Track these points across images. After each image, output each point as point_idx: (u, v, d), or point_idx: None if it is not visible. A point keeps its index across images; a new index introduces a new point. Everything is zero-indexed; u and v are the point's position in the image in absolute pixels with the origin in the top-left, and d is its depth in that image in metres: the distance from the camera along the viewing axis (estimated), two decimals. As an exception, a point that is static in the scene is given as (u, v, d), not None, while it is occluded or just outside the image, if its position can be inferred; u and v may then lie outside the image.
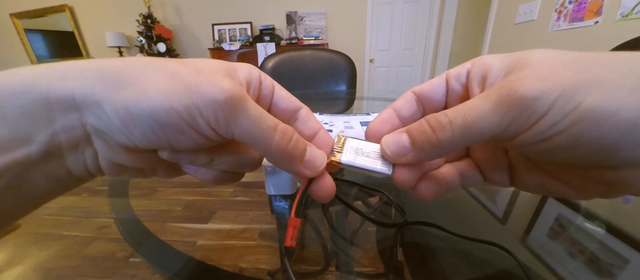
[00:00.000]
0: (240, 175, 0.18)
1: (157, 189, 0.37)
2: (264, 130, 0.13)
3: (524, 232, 0.27)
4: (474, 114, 0.11)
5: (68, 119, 0.12)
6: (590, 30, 1.44)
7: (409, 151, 0.14)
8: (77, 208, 0.34)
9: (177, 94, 0.11)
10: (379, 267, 0.23)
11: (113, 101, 0.11)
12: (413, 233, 0.26)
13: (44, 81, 0.11)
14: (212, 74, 0.13)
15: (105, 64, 0.12)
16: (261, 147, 0.13)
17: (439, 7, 2.78)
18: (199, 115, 0.12)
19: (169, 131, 0.12)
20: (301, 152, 0.14)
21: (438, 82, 0.16)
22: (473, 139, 0.12)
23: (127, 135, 0.12)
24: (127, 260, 0.24)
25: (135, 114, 0.11)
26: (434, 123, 0.12)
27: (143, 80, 0.12)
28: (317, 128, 0.17)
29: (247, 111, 0.12)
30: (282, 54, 1.11)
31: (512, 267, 0.21)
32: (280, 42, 2.71)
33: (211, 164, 0.15)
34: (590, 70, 0.10)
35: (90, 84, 0.11)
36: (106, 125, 0.12)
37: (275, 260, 0.24)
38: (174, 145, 0.13)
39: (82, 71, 0.12)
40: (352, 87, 1.12)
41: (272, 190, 0.32)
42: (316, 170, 0.15)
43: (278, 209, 0.31)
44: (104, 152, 0.13)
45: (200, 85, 0.12)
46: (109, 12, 2.92)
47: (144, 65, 0.12)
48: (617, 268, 0.22)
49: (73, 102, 0.11)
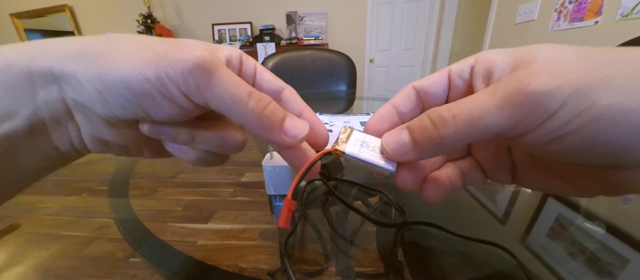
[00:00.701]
0: (224, 158, 0.17)
1: (157, 189, 0.37)
2: (238, 96, 0.12)
3: (524, 232, 0.27)
4: (479, 108, 0.11)
5: (48, 93, 0.12)
6: (590, 30, 1.44)
7: (410, 149, 0.13)
8: (77, 208, 0.34)
9: (147, 61, 0.12)
10: (379, 267, 0.23)
11: (88, 73, 0.12)
12: (413, 233, 0.26)
13: (26, 56, 0.12)
14: (187, 45, 0.13)
15: (84, 40, 0.12)
16: (236, 113, 0.13)
17: (439, 7, 2.78)
18: (169, 81, 0.12)
19: (142, 99, 0.12)
20: (279, 119, 0.14)
21: (439, 77, 0.16)
22: (478, 135, 0.11)
23: (104, 105, 0.12)
24: (127, 260, 0.24)
25: (109, 83, 0.12)
26: (436, 118, 0.12)
27: (116, 52, 0.12)
28: (301, 108, 0.17)
29: (219, 75, 0.12)
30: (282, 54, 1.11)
31: (512, 267, 0.21)
32: (280, 42, 2.71)
33: (192, 143, 0.15)
34: (604, 67, 0.10)
35: (68, 57, 0.12)
36: (83, 97, 0.12)
37: (275, 260, 0.23)
38: (151, 114, 0.13)
39: (61, 47, 0.12)
40: (352, 87, 1.12)
41: (272, 190, 0.32)
42: (296, 138, 0.14)
43: (278, 209, 0.31)
44: (86, 126, 0.14)
45: (170, 52, 0.12)
46: (109, 12, 2.92)
47: (119, 40, 0.12)
48: (617, 268, 0.22)
49: (52, 74, 0.12)
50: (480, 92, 0.12)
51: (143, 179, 0.40)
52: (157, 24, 2.68)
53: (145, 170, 0.43)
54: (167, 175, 0.41)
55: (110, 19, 2.93)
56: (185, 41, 0.13)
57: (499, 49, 0.13)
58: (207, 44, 0.14)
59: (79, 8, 2.92)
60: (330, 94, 1.03)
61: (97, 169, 0.45)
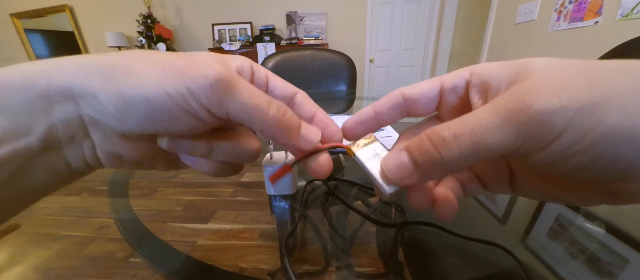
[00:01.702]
0: (239, 167, 0.18)
1: (157, 189, 0.37)
2: (259, 104, 0.13)
3: (524, 232, 0.27)
4: (483, 129, 0.10)
5: (65, 110, 0.12)
6: (590, 30, 1.44)
7: (412, 172, 0.13)
8: (77, 208, 0.34)
9: (169, 79, 0.12)
10: (379, 267, 0.23)
11: (107, 91, 0.12)
12: (413, 233, 0.26)
13: (43, 75, 0.12)
14: (204, 61, 0.13)
15: (100, 58, 0.12)
16: (257, 121, 0.13)
17: (439, 7, 2.78)
18: (191, 97, 0.12)
19: (162, 116, 0.12)
20: (297, 126, 0.14)
21: (430, 88, 0.15)
22: (482, 157, 0.11)
23: (122, 122, 0.12)
24: (127, 260, 0.24)
25: (129, 100, 0.12)
26: (437, 140, 0.11)
27: (136, 70, 0.12)
28: (314, 110, 0.17)
29: (239, 87, 0.13)
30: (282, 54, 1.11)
31: (512, 267, 0.21)
32: (280, 42, 2.71)
33: (210, 155, 0.15)
34: (604, 83, 0.09)
35: (86, 75, 0.12)
36: (101, 114, 0.12)
37: (275, 260, 0.24)
38: (170, 129, 0.13)
39: (78, 65, 0.12)
40: (352, 87, 1.12)
41: (272, 190, 0.32)
42: (312, 143, 0.15)
43: (278, 209, 0.31)
44: (101, 142, 0.14)
45: (191, 69, 0.12)
46: (109, 12, 2.92)
47: (138, 58, 0.13)
48: (617, 268, 0.22)
49: (70, 93, 0.12)
50: (480, 110, 0.11)
51: (143, 179, 0.40)
52: (157, 24, 2.68)
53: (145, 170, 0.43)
54: (167, 175, 0.41)
55: (110, 19, 2.93)
56: (199, 56, 0.14)
57: (494, 62, 0.13)
58: (218, 57, 0.15)
59: (79, 8, 2.92)
60: (330, 94, 1.03)
61: (97, 169, 0.45)
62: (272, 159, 0.31)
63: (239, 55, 0.16)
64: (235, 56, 0.16)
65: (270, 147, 0.32)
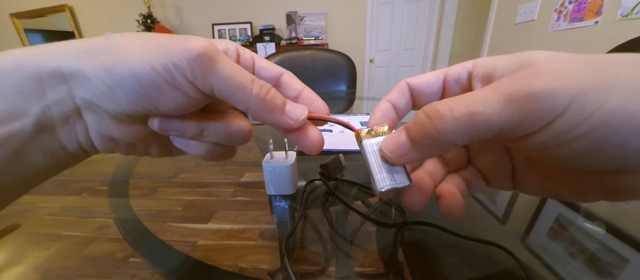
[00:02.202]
0: (232, 151, 0.18)
1: (157, 189, 0.37)
2: (242, 81, 0.13)
3: (524, 232, 0.27)
4: (479, 104, 0.10)
5: (58, 92, 0.13)
6: (590, 30, 1.44)
7: (408, 149, 0.13)
8: (77, 208, 0.34)
9: (153, 53, 0.12)
10: (379, 267, 0.23)
11: (95, 68, 0.12)
12: (413, 233, 0.26)
13: (35, 59, 0.12)
14: (188, 37, 0.13)
15: (88, 41, 0.13)
16: (240, 98, 0.13)
17: (439, 7, 2.78)
18: (175, 70, 0.12)
19: (149, 90, 0.12)
20: (281, 104, 0.15)
21: (434, 79, 0.16)
22: (477, 132, 0.11)
23: (112, 99, 0.13)
24: (127, 260, 0.24)
25: (117, 76, 0.12)
26: (432, 112, 0.11)
27: (122, 48, 0.12)
28: (300, 88, 0.17)
29: (222, 62, 0.13)
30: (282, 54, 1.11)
31: (512, 267, 0.21)
32: (280, 42, 2.71)
33: (201, 137, 0.15)
34: (606, 70, 0.10)
35: (75, 55, 0.12)
36: (92, 93, 0.13)
37: (275, 260, 0.23)
38: (159, 106, 0.13)
39: (67, 48, 0.13)
40: (352, 87, 1.12)
41: (272, 190, 0.32)
42: (298, 120, 0.15)
43: (278, 209, 0.31)
44: (94, 124, 0.14)
45: (174, 43, 0.13)
46: (109, 12, 2.92)
47: (124, 37, 0.13)
48: (617, 268, 0.22)
49: (61, 74, 0.12)
50: (480, 89, 0.11)
51: (143, 179, 0.40)
52: (157, 24, 2.68)
53: (145, 170, 0.43)
54: (167, 175, 0.41)
55: (110, 19, 2.93)
56: (185, 36, 0.14)
57: (496, 56, 0.13)
58: (205, 38, 0.15)
59: (79, 8, 2.92)
60: (330, 94, 1.03)
61: (97, 169, 0.45)
62: (272, 159, 0.31)
63: (227, 40, 0.17)
64: (222, 40, 0.16)
65: (270, 147, 0.32)
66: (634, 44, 0.65)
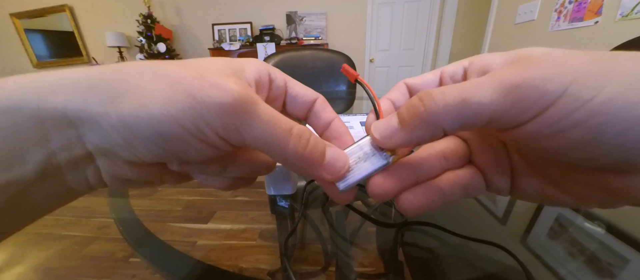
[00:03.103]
0: (252, 180, 0.17)
1: (157, 189, 0.37)
2: (279, 134, 0.12)
3: (524, 232, 0.27)
4: (472, 88, 0.10)
5: (65, 137, 0.11)
6: (590, 30, 1.44)
7: (397, 131, 0.12)
8: (77, 208, 0.34)
9: (179, 104, 0.10)
10: (379, 267, 0.23)
11: (109, 116, 0.10)
12: (413, 233, 0.26)
13: (33, 97, 0.10)
14: (217, 75, 0.12)
15: (98, 73, 0.11)
16: (276, 153, 0.12)
17: (439, 7, 2.78)
18: (206, 126, 0.11)
19: (174, 144, 0.11)
20: (320, 155, 0.13)
21: (431, 78, 0.16)
22: (469, 116, 0.10)
23: (130, 151, 0.11)
24: (127, 260, 0.24)
25: (135, 129, 0.10)
26: (425, 95, 0.11)
27: (140, 90, 0.10)
28: (331, 117, 0.16)
29: (258, 115, 0.11)
30: (282, 54, 1.11)
31: (512, 267, 0.21)
32: (280, 42, 2.71)
33: (223, 173, 0.15)
34: (604, 61, 0.09)
35: (83, 97, 0.10)
36: (108, 142, 0.11)
37: (275, 260, 0.23)
38: (182, 157, 0.12)
39: (73, 83, 0.11)
40: (352, 87, 1.12)
41: (272, 190, 0.32)
42: (338, 174, 0.13)
43: (278, 209, 0.31)
44: (108, 168, 0.13)
45: (204, 91, 0.11)
46: (109, 12, 2.92)
47: (141, 72, 0.11)
48: (617, 268, 0.22)
49: (66, 118, 0.10)
50: (474, 78, 0.11)
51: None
52: (157, 24, 2.68)
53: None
54: (167, 175, 0.41)
55: (110, 19, 2.93)
56: (211, 68, 0.12)
57: (495, 52, 0.13)
58: (233, 65, 0.13)
59: (79, 8, 2.92)
60: (330, 94, 1.03)
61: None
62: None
63: (254, 60, 0.15)
64: (251, 61, 0.15)
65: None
66: (634, 44, 0.65)
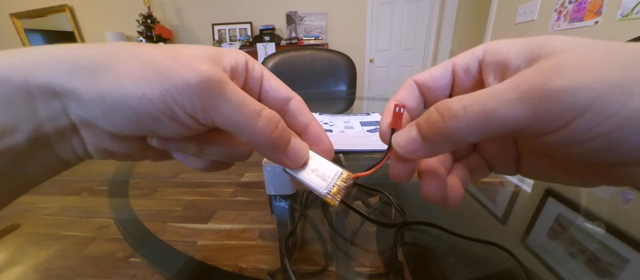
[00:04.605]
0: (229, 164, 0.17)
1: (157, 189, 0.37)
2: (247, 115, 0.12)
3: (524, 232, 0.27)
4: (495, 102, 0.10)
5: (51, 108, 0.12)
6: (590, 30, 1.44)
7: (419, 145, 0.12)
8: (77, 208, 0.34)
9: (149, 81, 0.11)
10: (379, 267, 0.23)
11: (89, 90, 0.11)
12: (413, 233, 0.26)
13: (21, 69, 0.11)
14: (190, 58, 0.12)
15: (80, 51, 0.12)
16: (244, 134, 0.13)
17: (439, 7, 2.78)
18: (174, 103, 0.11)
19: (146, 120, 0.12)
20: (286, 141, 0.14)
21: (442, 72, 0.15)
22: (492, 130, 0.10)
23: (109, 124, 0.12)
24: (127, 260, 0.24)
25: (111, 103, 0.11)
26: (444, 110, 0.11)
27: (117, 68, 0.11)
28: (308, 120, 0.16)
29: (226, 95, 0.12)
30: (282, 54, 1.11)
31: (512, 267, 0.21)
32: (280, 42, 2.72)
33: (201, 154, 0.15)
34: (631, 65, 0.09)
35: (66, 71, 0.11)
36: (89, 114, 0.12)
37: (275, 260, 0.23)
38: (157, 133, 0.13)
39: (57, 59, 0.11)
40: (352, 87, 1.12)
41: (272, 191, 0.32)
42: (298, 163, 0.14)
43: (278, 209, 0.31)
44: (92, 139, 0.13)
45: (172, 69, 0.11)
46: (109, 12, 2.92)
47: (118, 51, 0.12)
48: (617, 268, 0.22)
49: (52, 90, 0.11)
50: (496, 86, 0.11)
51: (143, 179, 0.40)
52: (157, 24, 2.68)
53: (145, 170, 0.43)
54: (167, 175, 0.41)
55: (110, 19, 2.93)
56: (187, 52, 0.13)
57: (508, 39, 0.13)
58: (211, 51, 0.14)
59: (79, 8, 2.92)
60: (330, 94, 1.03)
61: (97, 169, 0.45)
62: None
63: (236, 50, 0.16)
64: (231, 50, 0.15)
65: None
66: (634, 44, 0.66)
